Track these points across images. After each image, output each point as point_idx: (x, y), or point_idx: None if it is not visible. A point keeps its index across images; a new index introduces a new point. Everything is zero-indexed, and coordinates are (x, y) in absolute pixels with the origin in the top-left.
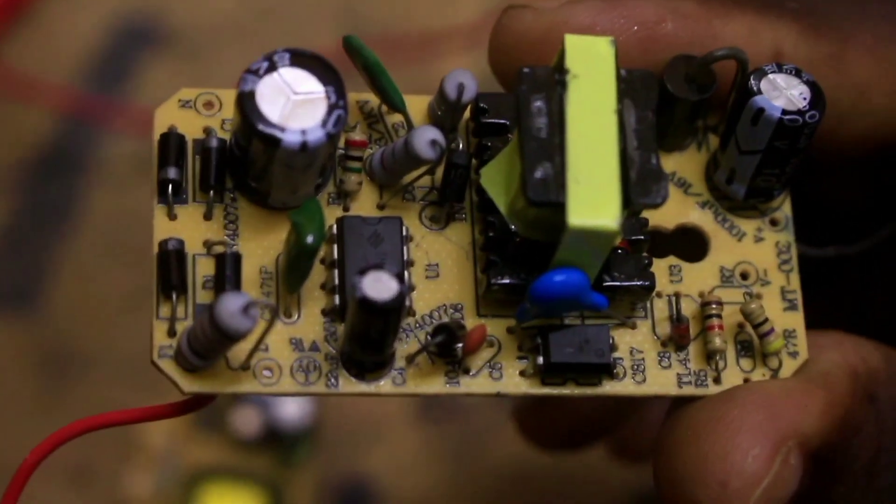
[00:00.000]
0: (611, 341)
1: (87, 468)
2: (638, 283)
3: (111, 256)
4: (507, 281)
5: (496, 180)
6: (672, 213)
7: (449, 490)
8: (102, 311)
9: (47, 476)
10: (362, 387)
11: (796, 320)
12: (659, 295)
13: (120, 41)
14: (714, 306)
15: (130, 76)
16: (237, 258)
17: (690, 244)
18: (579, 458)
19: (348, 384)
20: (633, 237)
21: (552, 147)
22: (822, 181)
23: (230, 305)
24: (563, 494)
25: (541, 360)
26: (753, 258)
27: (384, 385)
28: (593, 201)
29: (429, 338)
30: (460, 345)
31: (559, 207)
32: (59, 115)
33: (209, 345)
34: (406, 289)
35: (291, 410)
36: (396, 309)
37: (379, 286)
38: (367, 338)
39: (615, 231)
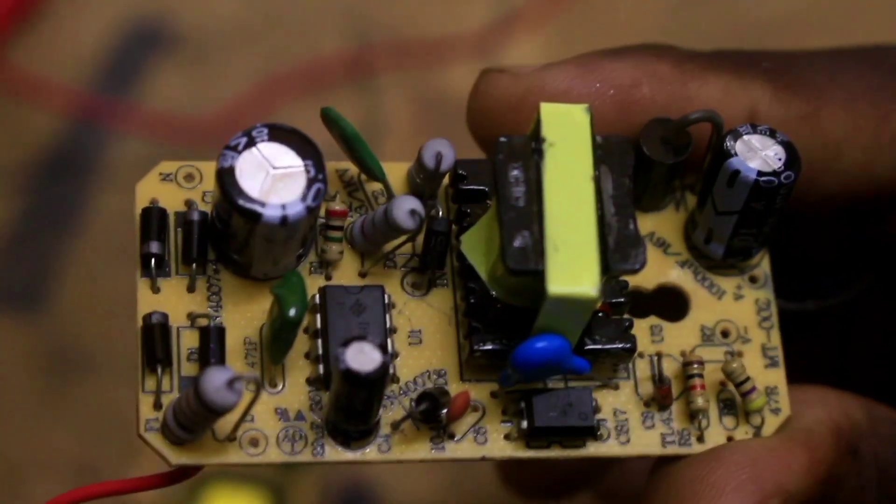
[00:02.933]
0: (594, 403)
1: (91, 467)
2: (619, 346)
3: (117, 258)
4: (489, 347)
5: (476, 247)
6: (651, 273)
7: (448, 496)
8: (108, 312)
9: (51, 475)
10: (348, 455)
11: (778, 377)
12: (641, 355)
13: (128, 44)
14: (696, 366)
15: (138, 78)
16: (221, 331)
17: (671, 303)
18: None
19: (334, 453)
20: (614, 300)
21: (530, 215)
22: (797, 236)
23: (215, 380)
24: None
25: (525, 424)
26: (734, 316)
27: (370, 453)
28: (572, 269)
29: (413, 405)
30: (444, 411)
31: (538, 275)
32: (66, 117)
33: (195, 418)
34: (389, 359)
35: None
36: (380, 379)
37: (362, 357)
38: (351, 408)
39: (595, 298)
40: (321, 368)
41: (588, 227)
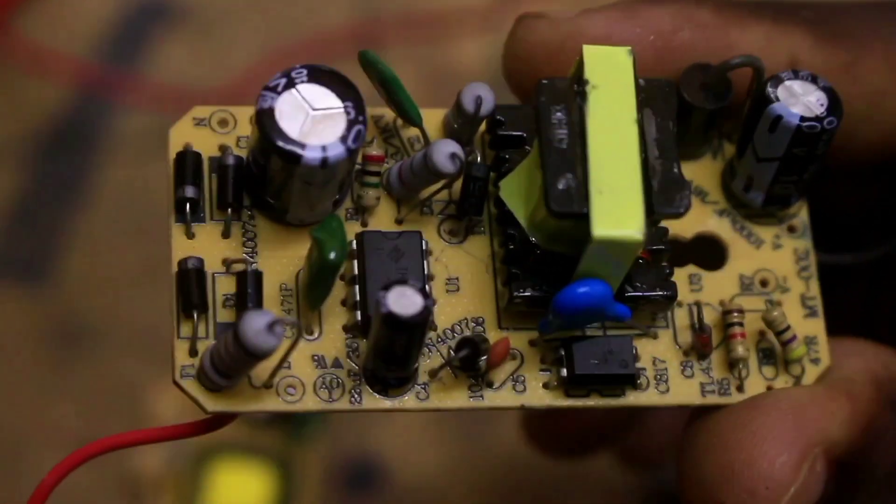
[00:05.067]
0: (634, 352)
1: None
2: (659, 294)
3: (123, 230)
4: (529, 293)
5: (515, 193)
6: (690, 222)
7: (456, 469)
8: (114, 284)
9: (54, 449)
10: (386, 402)
11: (817, 327)
12: (679, 304)
13: (134, 15)
14: (735, 314)
15: (144, 50)
16: (258, 276)
17: (709, 253)
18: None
19: (372, 400)
20: (654, 247)
21: (573, 158)
22: (836, 188)
23: (255, 324)
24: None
25: (564, 372)
26: (772, 265)
27: (408, 400)
28: (617, 212)
29: (452, 352)
30: (484, 358)
31: (582, 219)
32: (72, 89)
33: (233, 364)
34: (431, 303)
35: None
36: (422, 324)
37: (404, 301)
38: (391, 353)
39: (640, 242)
40: (358, 315)
41: (632, 170)
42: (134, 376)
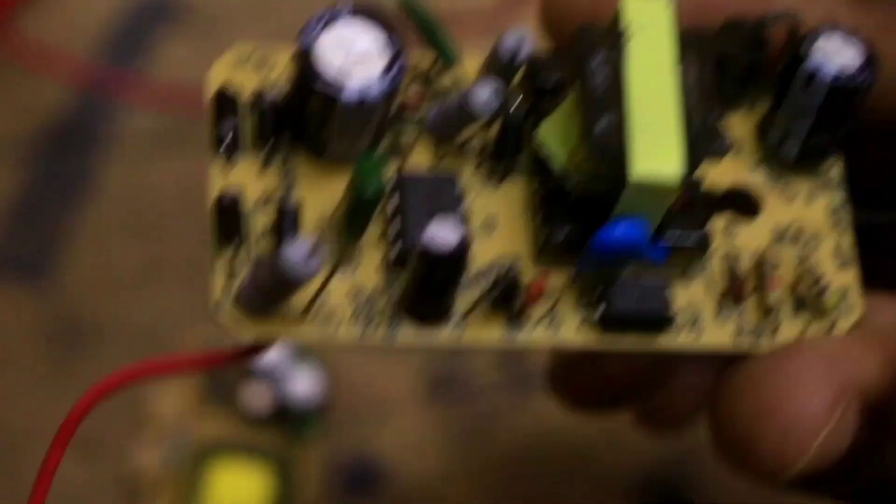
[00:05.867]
0: (669, 295)
1: (95, 441)
2: (694, 241)
3: (125, 229)
4: (565, 235)
5: (553, 136)
6: (725, 173)
7: (456, 471)
8: (115, 283)
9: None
10: (421, 337)
11: (851, 278)
12: (713, 253)
13: (136, 15)
14: (769, 262)
15: (146, 50)
16: (296, 209)
17: (742, 205)
18: (590, 443)
19: (407, 335)
20: (689, 195)
21: (613, 102)
22: (872, 149)
23: (295, 251)
24: (569, 478)
25: (599, 313)
26: (806, 218)
27: (442, 336)
28: (656, 153)
29: (489, 288)
30: (519, 297)
31: (621, 159)
32: (74, 88)
33: (271, 292)
34: (469, 238)
35: (301, 388)
36: (461, 257)
37: (443, 235)
38: (429, 287)
39: (677, 183)
40: (396, 250)
41: (671, 114)
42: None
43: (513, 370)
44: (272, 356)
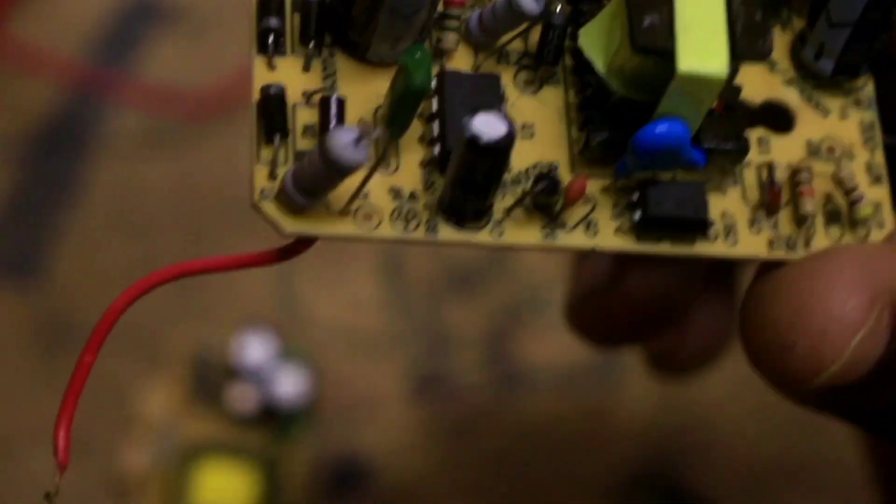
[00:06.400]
0: (707, 201)
1: (82, 441)
2: (732, 146)
3: (114, 230)
4: (605, 136)
5: (595, 41)
6: (759, 88)
7: (442, 469)
8: (104, 283)
9: (41, 447)
10: (461, 235)
11: (882, 193)
12: (748, 164)
13: (127, 15)
14: (804, 173)
15: (137, 50)
16: (341, 102)
17: (777, 119)
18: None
19: (447, 232)
20: (728, 101)
21: (658, 2)
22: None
23: (343, 137)
24: (554, 477)
25: (637, 215)
26: (839, 134)
27: (482, 235)
28: (702, 49)
29: (530, 186)
30: (559, 196)
31: (666, 56)
32: (64, 88)
33: (316, 181)
34: (514, 130)
35: (287, 388)
36: (506, 149)
37: (489, 125)
38: (471, 181)
39: (723, 79)
40: (437, 150)
41: (717, 12)
42: (122, 375)
43: (497, 369)
44: (258, 356)
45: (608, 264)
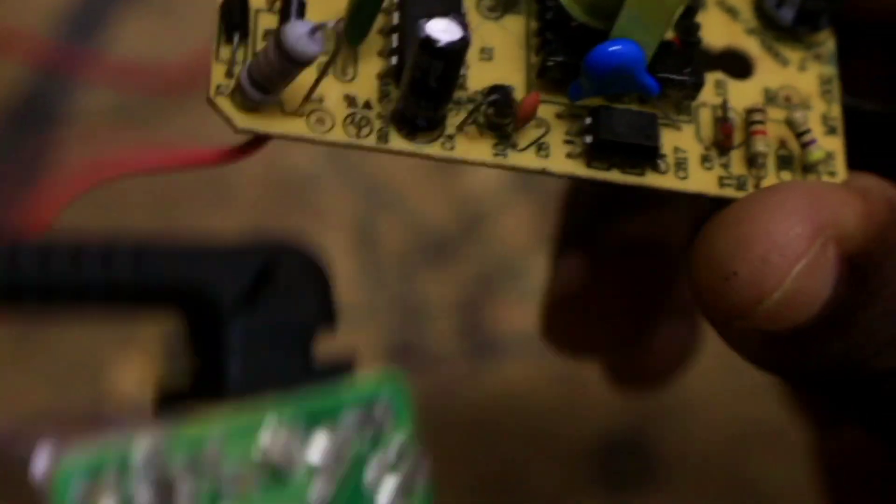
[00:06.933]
0: (658, 130)
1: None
2: (688, 77)
3: (85, 208)
4: (562, 59)
5: None
6: (718, 36)
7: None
8: None
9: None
10: (412, 146)
11: (836, 144)
12: (704, 104)
13: None
14: (758, 113)
15: (105, 28)
16: (303, 4)
17: (735, 67)
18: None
19: (399, 142)
20: (686, 38)
21: None
22: (863, 43)
23: (297, 29)
24: (530, 444)
25: (588, 139)
26: (797, 84)
27: (433, 147)
28: None
29: (483, 101)
30: (512, 114)
31: None
32: (31, 67)
33: (272, 74)
34: (470, 35)
35: None
36: (460, 52)
37: (445, 29)
38: (425, 86)
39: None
40: (394, 61)
41: None
42: (96, 352)
43: (471, 339)
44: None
45: (580, 272)
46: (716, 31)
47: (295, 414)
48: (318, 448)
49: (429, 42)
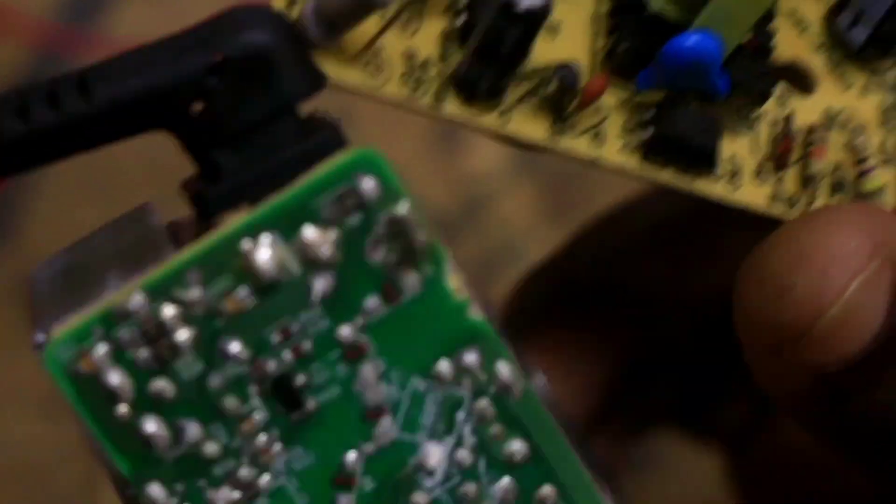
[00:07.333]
0: (719, 136)
1: (55, 400)
2: (760, 83)
3: (87, 189)
4: (631, 44)
5: None
6: (786, 47)
7: None
8: None
9: (15, 408)
10: (467, 113)
11: (891, 175)
12: (765, 114)
13: None
14: (819, 133)
15: (103, 10)
16: None
17: (800, 80)
18: None
19: (454, 107)
20: (760, 43)
21: None
22: None
23: None
24: None
25: (647, 134)
26: (857, 109)
27: (488, 118)
28: None
29: (546, 79)
30: (573, 97)
31: None
32: (30, 48)
33: (340, 12)
34: (553, 3)
35: None
36: (540, 19)
37: None
38: (495, 52)
39: None
40: (462, 20)
41: None
42: None
43: None
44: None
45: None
46: (783, 43)
47: (270, 216)
48: (305, 244)
49: (509, 5)
